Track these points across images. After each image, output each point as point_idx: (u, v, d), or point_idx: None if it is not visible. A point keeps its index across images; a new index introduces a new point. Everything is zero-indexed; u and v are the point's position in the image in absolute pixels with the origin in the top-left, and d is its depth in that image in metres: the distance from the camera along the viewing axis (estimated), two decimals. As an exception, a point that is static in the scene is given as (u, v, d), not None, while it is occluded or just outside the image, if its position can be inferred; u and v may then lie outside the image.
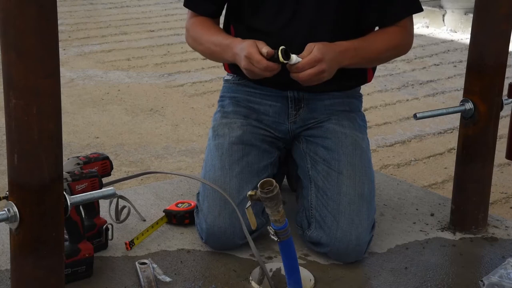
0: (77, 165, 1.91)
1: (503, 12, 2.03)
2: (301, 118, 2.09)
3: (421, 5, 2.06)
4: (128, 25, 7.20)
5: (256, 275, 1.82)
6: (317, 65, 1.85)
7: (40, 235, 1.27)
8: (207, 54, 2.10)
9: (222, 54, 2.01)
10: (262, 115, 2.09)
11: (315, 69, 1.85)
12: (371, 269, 1.93)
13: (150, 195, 2.35)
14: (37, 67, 1.20)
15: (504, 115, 2.32)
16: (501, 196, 3.25)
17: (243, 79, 2.10)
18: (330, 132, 2.04)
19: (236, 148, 2.01)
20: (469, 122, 2.10)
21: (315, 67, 1.85)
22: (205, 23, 2.09)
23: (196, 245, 2.01)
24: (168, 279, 1.82)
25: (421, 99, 4.84)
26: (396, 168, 3.57)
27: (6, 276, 1.78)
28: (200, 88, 4.83)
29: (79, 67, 5.49)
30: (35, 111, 1.21)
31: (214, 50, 2.03)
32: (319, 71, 1.86)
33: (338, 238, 1.91)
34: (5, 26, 1.18)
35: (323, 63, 1.85)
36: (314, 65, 1.85)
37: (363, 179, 1.97)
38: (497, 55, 2.06)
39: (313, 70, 1.85)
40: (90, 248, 1.81)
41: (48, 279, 1.31)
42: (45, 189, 1.25)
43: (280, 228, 1.65)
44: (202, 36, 2.07)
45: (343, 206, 1.92)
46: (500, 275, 1.75)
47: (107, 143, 3.81)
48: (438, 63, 5.92)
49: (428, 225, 2.20)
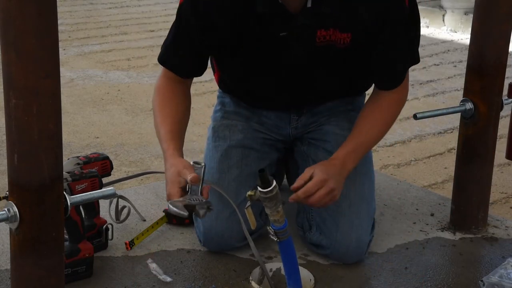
0: (77, 165, 1.91)
1: (503, 12, 2.03)
2: (302, 123, 2.08)
3: (419, 55, 1.98)
4: (128, 25, 7.20)
5: (256, 275, 1.82)
6: (325, 185, 1.75)
7: (40, 235, 1.27)
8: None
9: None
10: (264, 118, 2.08)
11: (325, 190, 1.75)
12: (371, 269, 1.93)
13: (150, 195, 2.35)
14: (37, 67, 1.20)
15: (504, 115, 2.32)
16: (501, 196, 3.25)
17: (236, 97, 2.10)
18: (329, 135, 2.03)
19: (235, 151, 2.00)
20: (469, 122, 2.10)
21: (323, 187, 1.75)
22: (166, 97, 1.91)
23: (196, 245, 2.01)
24: (169, 279, 1.82)
25: (421, 99, 4.84)
26: (396, 168, 3.57)
27: (6, 276, 1.78)
28: (200, 88, 4.83)
29: (79, 67, 5.49)
30: (35, 111, 1.21)
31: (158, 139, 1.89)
32: (328, 191, 1.76)
33: (338, 240, 1.91)
34: (5, 26, 1.18)
35: (330, 181, 1.76)
36: (322, 186, 1.75)
37: (363, 180, 1.97)
38: (497, 55, 2.06)
39: (323, 191, 1.75)
40: (90, 248, 1.81)
41: (48, 279, 1.31)
42: (45, 189, 1.25)
43: (280, 228, 1.65)
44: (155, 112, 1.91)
45: (343, 208, 1.92)
46: (500, 275, 1.75)
47: (107, 143, 3.81)
48: (438, 63, 5.92)
49: (428, 225, 2.20)
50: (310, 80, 1.94)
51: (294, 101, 2.03)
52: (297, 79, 1.93)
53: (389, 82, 1.94)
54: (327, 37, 1.82)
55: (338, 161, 1.83)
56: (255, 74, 1.95)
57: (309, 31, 1.81)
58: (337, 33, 1.82)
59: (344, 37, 1.82)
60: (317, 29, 1.81)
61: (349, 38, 1.82)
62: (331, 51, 1.85)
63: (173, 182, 1.71)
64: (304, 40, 1.83)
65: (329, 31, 1.81)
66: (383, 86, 1.94)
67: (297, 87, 1.96)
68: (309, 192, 1.75)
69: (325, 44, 1.83)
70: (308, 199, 1.76)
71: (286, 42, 1.83)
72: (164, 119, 1.87)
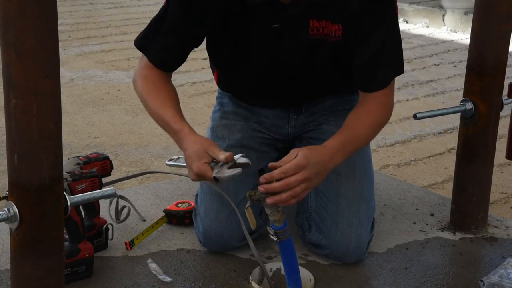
0: (77, 165, 1.91)
1: (503, 12, 2.03)
2: (301, 122, 2.08)
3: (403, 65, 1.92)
4: (128, 25, 7.20)
5: (256, 275, 1.82)
6: (302, 171, 1.64)
7: (40, 235, 1.27)
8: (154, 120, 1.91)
9: (168, 133, 1.87)
10: (263, 117, 2.08)
11: (301, 175, 1.64)
12: (371, 269, 1.93)
13: (150, 195, 2.35)
14: (37, 67, 1.20)
15: (504, 115, 2.32)
16: (501, 196, 3.25)
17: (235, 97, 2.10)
18: (328, 134, 2.02)
19: (234, 151, 1.99)
20: (469, 122, 2.10)
21: (299, 173, 1.64)
22: (157, 85, 1.87)
23: (196, 245, 2.01)
24: (169, 279, 1.82)
25: (421, 99, 4.84)
26: (396, 168, 3.57)
27: (6, 276, 1.79)
28: (200, 88, 4.82)
29: (79, 67, 5.49)
30: (35, 111, 1.21)
31: (161, 124, 1.86)
32: (303, 178, 1.64)
33: (337, 240, 1.91)
34: (5, 26, 1.18)
35: (308, 168, 1.65)
36: (299, 171, 1.64)
37: (362, 179, 1.97)
38: (497, 55, 2.06)
39: (299, 176, 1.63)
40: (90, 248, 1.81)
41: (48, 279, 1.31)
42: (45, 189, 1.25)
43: (280, 228, 1.65)
44: (149, 101, 1.86)
45: (342, 208, 1.92)
46: (500, 275, 1.75)
47: (107, 143, 3.81)
48: (438, 63, 5.92)
49: (428, 225, 2.20)
50: (304, 75, 1.94)
51: (290, 97, 2.03)
52: (291, 75, 1.93)
53: (375, 83, 1.88)
54: (320, 30, 1.82)
55: (327, 150, 1.75)
56: (249, 69, 1.95)
57: (302, 22, 1.81)
58: (329, 24, 1.82)
59: (335, 28, 1.82)
60: (309, 19, 1.81)
61: (340, 30, 1.82)
62: (324, 45, 1.85)
63: (201, 158, 1.68)
64: (297, 32, 1.83)
65: (321, 22, 1.81)
66: (368, 86, 1.89)
67: (292, 83, 1.96)
68: (286, 173, 1.63)
69: (318, 37, 1.83)
70: (281, 181, 1.63)
71: (279, 34, 1.83)
72: (163, 103, 1.83)
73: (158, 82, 1.88)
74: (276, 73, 1.93)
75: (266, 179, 1.63)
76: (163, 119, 1.82)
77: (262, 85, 1.99)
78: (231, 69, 2.00)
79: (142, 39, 1.90)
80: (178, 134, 1.78)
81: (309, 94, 2.04)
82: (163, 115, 1.82)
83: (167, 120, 1.81)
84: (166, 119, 1.81)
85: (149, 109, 1.87)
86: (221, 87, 2.13)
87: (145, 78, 1.88)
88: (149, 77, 1.88)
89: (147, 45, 1.89)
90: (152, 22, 1.90)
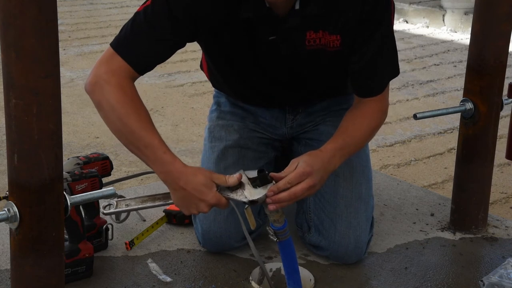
0: (77, 165, 1.91)
1: (503, 12, 2.03)
2: (298, 123, 2.08)
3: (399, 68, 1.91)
4: (128, 25, 7.19)
5: (256, 275, 1.83)
6: (307, 178, 1.66)
7: (40, 235, 1.27)
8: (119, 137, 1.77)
9: (145, 158, 1.72)
10: (260, 117, 2.08)
11: (306, 183, 1.66)
12: (371, 269, 1.93)
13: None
14: (37, 67, 1.20)
15: (504, 115, 2.32)
16: (501, 196, 3.25)
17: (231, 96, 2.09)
18: (325, 135, 2.02)
19: (232, 151, 2.00)
20: (469, 122, 2.10)
21: (305, 181, 1.66)
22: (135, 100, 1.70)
23: (196, 245, 2.01)
24: (169, 279, 1.82)
25: (421, 99, 4.84)
26: (396, 168, 3.57)
27: (6, 276, 1.79)
28: (200, 88, 4.82)
29: (79, 67, 5.49)
30: (35, 111, 1.21)
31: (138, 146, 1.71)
32: (309, 186, 1.66)
33: (336, 241, 1.91)
34: (5, 26, 1.18)
35: (313, 176, 1.67)
36: (304, 179, 1.66)
37: (360, 180, 1.97)
38: (497, 55, 2.06)
39: (304, 184, 1.65)
40: (90, 248, 1.81)
41: (48, 279, 1.31)
42: (45, 189, 1.25)
43: (279, 228, 1.65)
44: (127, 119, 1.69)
45: (340, 209, 1.92)
46: (500, 275, 1.75)
47: (107, 143, 3.80)
48: (438, 63, 5.92)
49: (428, 225, 2.20)
50: (302, 81, 1.93)
51: (287, 101, 2.03)
52: (288, 81, 1.92)
53: (371, 89, 1.88)
54: (317, 41, 1.80)
55: (326, 154, 1.75)
56: (245, 78, 1.94)
57: (298, 34, 1.79)
58: (326, 35, 1.79)
59: (333, 39, 1.80)
60: (306, 31, 1.79)
61: (338, 41, 1.80)
62: (323, 55, 1.82)
63: (211, 187, 1.64)
64: (294, 44, 1.80)
65: (318, 33, 1.79)
66: (364, 92, 1.88)
67: (288, 89, 1.95)
68: (291, 183, 1.65)
69: (315, 48, 1.80)
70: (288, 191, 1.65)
71: (276, 46, 1.81)
72: (146, 125, 1.69)
73: (135, 96, 1.71)
74: (273, 81, 1.92)
75: (273, 191, 1.64)
76: (147, 144, 1.67)
77: (257, 91, 1.99)
78: (226, 75, 1.99)
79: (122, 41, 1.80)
80: (167, 166, 1.66)
81: (306, 98, 2.03)
82: (148, 140, 1.67)
83: (153, 147, 1.67)
84: (153, 145, 1.67)
85: (126, 127, 1.70)
86: (214, 85, 2.12)
87: (121, 88, 1.69)
88: (125, 87, 1.70)
89: (127, 48, 1.77)
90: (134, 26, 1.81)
